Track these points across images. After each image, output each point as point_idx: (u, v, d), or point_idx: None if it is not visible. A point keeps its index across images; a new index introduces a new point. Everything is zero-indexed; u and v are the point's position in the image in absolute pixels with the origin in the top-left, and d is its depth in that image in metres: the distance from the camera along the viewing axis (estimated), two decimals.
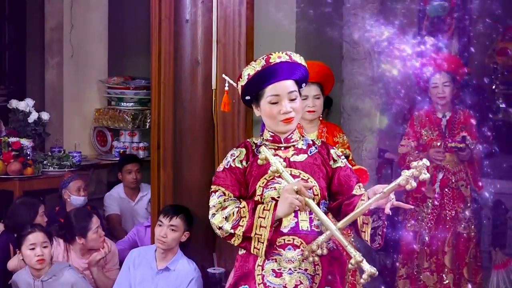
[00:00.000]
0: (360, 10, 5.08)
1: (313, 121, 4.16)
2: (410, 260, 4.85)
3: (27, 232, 3.87)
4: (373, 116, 5.17)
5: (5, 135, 5.39)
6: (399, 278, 4.88)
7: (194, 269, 3.93)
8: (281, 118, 2.67)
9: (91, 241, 4.18)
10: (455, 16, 6.50)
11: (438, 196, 4.76)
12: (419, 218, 4.81)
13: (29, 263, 3.85)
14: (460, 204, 4.78)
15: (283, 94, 2.66)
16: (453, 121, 4.80)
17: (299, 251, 2.61)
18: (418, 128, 4.85)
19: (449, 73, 4.77)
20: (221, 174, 2.72)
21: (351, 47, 5.12)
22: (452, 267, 4.76)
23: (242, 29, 4.01)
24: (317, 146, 2.78)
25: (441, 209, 4.77)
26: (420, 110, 4.93)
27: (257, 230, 2.57)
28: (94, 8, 6.39)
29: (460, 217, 4.77)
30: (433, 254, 4.78)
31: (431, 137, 4.79)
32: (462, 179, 4.79)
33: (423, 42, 6.46)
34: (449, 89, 4.76)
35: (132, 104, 6.20)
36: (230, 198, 2.67)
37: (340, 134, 4.18)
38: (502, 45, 6.64)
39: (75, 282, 3.87)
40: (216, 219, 2.63)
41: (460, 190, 4.78)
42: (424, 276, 4.79)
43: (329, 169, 2.74)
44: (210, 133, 4.08)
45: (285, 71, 2.67)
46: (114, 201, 5.49)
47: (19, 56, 7.16)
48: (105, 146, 6.40)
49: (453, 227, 4.77)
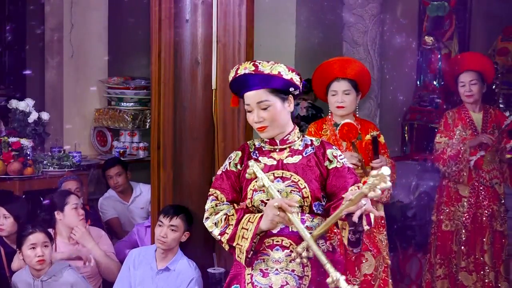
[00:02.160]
0: (360, 10, 5.08)
1: (345, 117, 4.14)
2: (448, 260, 4.85)
3: (27, 232, 3.87)
4: (373, 116, 5.17)
5: (5, 135, 5.38)
6: (437, 279, 4.88)
7: (194, 269, 3.92)
8: (255, 127, 2.73)
9: (68, 216, 4.25)
10: (455, 16, 6.51)
11: (473, 195, 4.77)
12: (454, 218, 4.81)
13: (29, 263, 3.85)
14: (495, 202, 4.79)
15: (253, 104, 2.70)
16: (485, 120, 4.81)
17: (288, 252, 2.63)
18: (452, 126, 4.84)
19: (476, 72, 4.77)
20: (218, 178, 2.78)
21: (351, 47, 5.12)
22: (492, 265, 4.77)
23: (242, 29, 4.00)
24: (315, 146, 2.77)
25: (476, 208, 4.78)
26: (453, 109, 4.94)
27: (239, 241, 2.62)
28: (94, 8, 6.39)
29: (496, 215, 4.78)
30: (470, 253, 4.78)
31: (465, 136, 4.78)
32: (495, 177, 4.80)
33: (423, 42, 6.47)
34: (476, 87, 4.77)
35: (132, 104, 6.20)
36: (222, 202, 2.72)
37: (374, 132, 4.17)
38: (502, 45, 6.64)
39: (75, 282, 3.87)
40: (207, 224, 2.73)
41: (495, 188, 4.79)
42: (462, 276, 4.79)
43: (324, 170, 2.72)
44: (210, 133, 4.08)
45: (253, 81, 2.70)
46: (110, 205, 5.48)
47: (19, 56, 7.16)
48: (105, 146, 6.40)
49: (489, 225, 4.77)
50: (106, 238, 4.50)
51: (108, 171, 5.47)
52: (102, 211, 5.46)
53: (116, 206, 5.49)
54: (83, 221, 4.31)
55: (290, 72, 2.73)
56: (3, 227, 4.28)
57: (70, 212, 4.27)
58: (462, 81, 4.79)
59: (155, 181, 4.13)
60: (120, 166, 5.51)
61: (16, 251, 4.09)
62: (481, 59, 4.95)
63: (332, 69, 4.13)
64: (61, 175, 5.10)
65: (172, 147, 4.08)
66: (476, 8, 6.62)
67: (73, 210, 4.28)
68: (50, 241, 3.92)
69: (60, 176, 5.11)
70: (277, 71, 2.71)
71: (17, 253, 3.99)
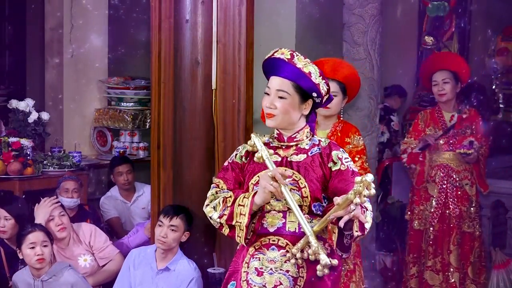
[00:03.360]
0: (360, 10, 5.08)
1: (329, 118, 4.13)
2: (419, 259, 4.86)
3: (27, 231, 3.87)
4: (373, 116, 5.17)
5: (5, 135, 5.38)
6: (411, 277, 4.90)
7: (194, 269, 3.92)
8: (266, 111, 2.72)
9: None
10: (455, 16, 6.51)
11: (441, 195, 4.78)
12: (423, 217, 4.82)
13: (29, 262, 3.85)
14: (464, 203, 4.78)
15: (272, 88, 2.70)
16: (459, 121, 4.81)
17: (283, 251, 2.63)
18: (423, 127, 4.85)
19: (449, 71, 4.78)
20: (223, 168, 2.82)
21: (351, 47, 5.12)
22: (458, 266, 4.77)
23: (242, 29, 4.00)
24: (321, 147, 2.75)
25: (445, 208, 4.78)
26: (426, 109, 4.96)
27: (237, 218, 2.62)
28: (94, 8, 6.38)
29: (464, 216, 4.78)
30: (438, 253, 4.79)
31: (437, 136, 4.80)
32: (466, 178, 4.80)
33: (423, 42, 6.47)
34: (449, 86, 4.77)
35: (132, 104, 6.19)
36: (222, 190, 2.75)
37: (354, 135, 4.14)
38: (502, 45, 6.64)
39: (75, 282, 3.87)
40: (207, 210, 2.73)
41: (465, 189, 4.79)
42: (428, 275, 4.80)
43: (327, 171, 2.70)
44: (210, 133, 4.08)
45: (283, 68, 2.68)
46: (111, 205, 5.48)
47: (19, 56, 7.16)
48: (105, 146, 6.40)
49: (457, 226, 4.77)
50: (100, 233, 4.48)
51: (117, 168, 5.47)
52: (103, 210, 5.47)
53: (117, 206, 5.49)
54: (61, 231, 4.26)
55: (320, 78, 2.73)
56: (5, 229, 4.25)
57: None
58: (435, 80, 4.81)
59: (155, 181, 4.14)
60: (130, 164, 5.55)
61: (16, 251, 4.10)
62: (455, 59, 4.98)
63: (322, 69, 4.12)
64: (61, 175, 5.10)
65: (172, 147, 4.08)
66: (476, 8, 6.62)
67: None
68: (49, 240, 3.92)
69: (60, 176, 5.11)
70: (308, 70, 2.70)
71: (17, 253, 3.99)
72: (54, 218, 4.25)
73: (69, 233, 4.32)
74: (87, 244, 4.39)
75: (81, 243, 4.38)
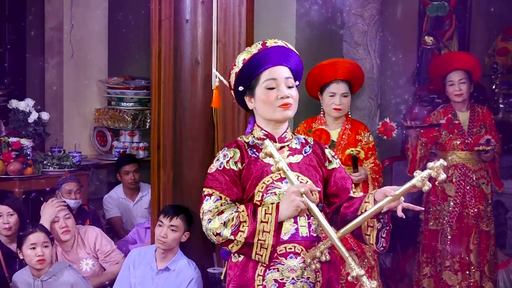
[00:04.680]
0: (360, 10, 5.08)
1: (338, 119, 4.16)
2: (433, 259, 4.85)
3: (28, 232, 3.87)
4: (373, 116, 5.17)
5: (5, 135, 5.38)
6: (424, 277, 4.89)
7: (194, 269, 3.92)
8: (279, 104, 2.52)
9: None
10: (455, 16, 6.50)
11: (459, 194, 4.77)
12: (440, 217, 4.82)
13: (29, 263, 3.85)
14: (482, 202, 4.79)
15: (280, 78, 2.53)
16: (472, 119, 4.81)
17: (300, 258, 2.50)
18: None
19: (464, 71, 4.77)
20: (214, 176, 2.54)
21: (351, 47, 5.12)
22: (478, 264, 4.77)
23: (242, 29, 4.01)
24: (311, 145, 2.65)
25: (462, 207, 4.78)
26: (438, 109, 4.94)
27: (260, 236, 2.42)
28: (94, 8, 6.39)
29: (482, 215, 4.78)
30: (455, 253, 4.78)
31: (450, 137, 4.79)
32: (483, 177, 4.80)
33: (423, 42, 6.47)
34: (465, 86, 4.77)
35: (132, 104, 6.19)
36: (226, 202, 2.50)
37: (364, 132, 4.18)
38: (502, 45, 6.63)
39: (75, 282, 3.87)
40: (213, 225, 2.46)
41: (481, 188, 4.79)
42: (446, 275, 4.79)
43: (325, 170, 2.62)
44: (210, 133, 4.08)
45: (281, 56, 2.56)
46: (114, 204, 5.49)
47: (19, 56, 7.16)
48: (105, 146, 6.40)
49: (475, 225, 4.77)
50: (105, 237, 4.48)
51: (125, 167, 5.49)
52: (105, 208, 5.49)
53: (119, 205, 5.50)
54: (65, 233, 4.27)
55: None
56: (10, 225, 4.23)
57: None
58: (451, 80, 4.78)
59: (155, 181, 4.14)
60: (136, 163, 5.59)
61: (13, 252, 4.11)
62: (470, 58, 4.96)
63: (330, 71, 4.14)
64: (61, 175, 5.10)
65: (172, 147, 4.08)
66: (476, 8, 6.61)
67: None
68: (50, 241, 3.92)
69: (60, 176, 5.11)
70: (298, 54, 2.61)
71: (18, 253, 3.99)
72: (59, 220, 4.25)
73: (73, 236, 4.32)
74: (91, 247, 4.38)
75: (85, 247, 4.38)
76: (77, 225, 4.43)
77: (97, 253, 4.39)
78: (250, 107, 2.63)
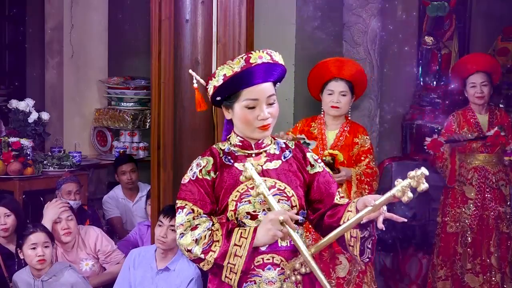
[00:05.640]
0: (360, 10, 5.08)
1: (337, 118, 4.15)
2: (450, 262, 4.83)
3: (28, 232, 3.87)
4: (373, 116, 5.17)
5: (5, 135, 5.39)
6: (438, 279, 4.87)
7: (194, 269, 3.92)
8: (258, 125, 2.40)
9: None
10: (455, 16, 6.50)
11: (479, 197, 4.76)
12: (460, 219, 4.79)
13: (29, 263, 3.85)
14: (502, 204, 4.78)
15: (262, 98, 2.38)
16: (491, 121, 4.80)
17: (279, 270, 2.38)
18: (456, 128, 4.82)
19: (486, 73, 4.76)
20: (187, 187, 2.44)
21: (351, 47, 5.12)
22: (499, 266, 4.76)
23: (242, 29, 4.00)
24: (291, 149, 2.52)
25: (483, 210, 4.76)
26: (458, 111, 4.92)
27: (230, 259, 2.30)
28: (94, 8, 6.39)
29: (502, 217, 4.77)
30: (477, 255, 4.76)
31: (470, 139, 4.76)
32: (502, 178, 4.79)
33: (423, 42, 6.46)
34: (487, 88, 4.76)
35: (132, 104, 6.20)
36: (200, 215, 2.39)
37: (362, 135, 4.16)
38: (502, 45, 6.63)
39: (75, 282, 3.87)
40: (185, 240, 2.35)
41: (501, 190, 4.78)
42: (468, 278, 4.78)
43: (306, 175, 2.49)
44: (210, 133, 4.08)
45: (265, 73, 2.38)
46: (113, 204, 5.49)
47: (19, 56, 7.17)
48: (105, 146, 6.40)
49: (496, 227, 4.76)
50: (106, 238, 4.49)
51: (121, 167, 5.49)
52: (105, 208, 5.49)
53: (119, 205, 5.50)
54: (66, 235, 4.27)
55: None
56: (7, 225, 4.23)
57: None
58: (473, 82, 4.75)
59: (155, 181, 4.13)
60: (134, 163, 5.58)
61: (11, 252, 4.11)
62: (491, 61, 4.96)
63: (331, 68, 4.14)
64: (61, 175, 5.11)
65: (172, 147, 4.08)
66: (476, 8, 6.61)
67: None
68: (51, 241, 3.92)
69: (60, 176, 5.11)
70: (282, 60, 2.45)
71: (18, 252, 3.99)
72: (61, 221, 4.25)
73: (74, 237, 4.32)
74: (92, 248, 4.38)
75: (85, 247, 4.38)
76: (78, 226, 4.42)
77: (98, 253, 4.39)
78: (227, 117, 2.51)
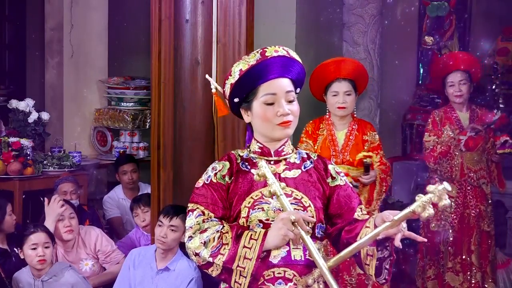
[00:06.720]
0: (360, 10, 5.08)
1: (344, 118, 4.17)
2: (436, 261, 4.84)
3: (29, 232, 3.87)
4: (373, 116, 5.17)
5: (5, 135, 5.39)
6: (428, 279, 4.88)
7: (194, 269, 3.92)
8: (278, 121, 2.29)
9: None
10: (455, 16, 6.51)
11: (460, 195, 4.77)
12: (442, 218, 4.80)
13: (30, 263, 3.85)
14: (483, 202, 4.78)
15: (281, 93, 2.29)
16: (472, 119, 4.81)
17: (291, 285, 2.24)
18: (439, 126, 4.83)
19: (464, 71, 4.77)
20: (200, 191, 2.37)
21: (351, 47, 5.12)
22: (479, 265, 4.76)
23: (242, 29, 4.00)
24: (313, 160, 2.42)
25: (464, 208, 4.77)
26: (439, 109, 4.94)
27: (240, 262, 2.18)
28: (94, 8, 6.39)
29: (483, 215, 4.78)
30: (457, 254, 4.77)
31: (452, 136, 4.77)
32: (483, 176, 4.80)
33: (423, 42, 6.47)
34: (466, 87, 4.77)
35: (132, 104, 6.20)
36: (210, 218, 2.29)
37: (371, 132, 4.19)
38: (502, 45, 6.64)
39: (76, 282, 3.87)
40: (193, 244, 2.26)
41: (482, 188, 4.79)
42: (448, 276, 4.78)
43: (326, 187, 2.38)
44: (210, 133, 4.08)
45: (282, 67, 2.30)
46: (113, 204, 5.49)
47: (19, 56, 7.17)
48: (105, 146, 6.40)
49: (477, 225, 4.77)
50: (106, 238, 4.49)
51: (123, 167, 5.49)
52: (105, 208, 5.49)
53: (119, 205, 5.50)
54: (68, 233, 4.27)
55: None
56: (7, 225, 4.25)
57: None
58: (451, 81, 4.77)
59: (155, 181, 4.13)
60: (135, 163, 5.58)
61: (8, 251, 4.10)
62: (470, 59, 4.96)
63: (331, 69, 4.15)
64: (61, 175, 5.11)
65: (172, 147, 4.08)
66: (476, 8, 6.62)
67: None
68: (51, 241, 3.92)
69: (60, 176, 5.11)
70: (298, 58, 2.36)
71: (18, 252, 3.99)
72: (64, 219, 4.25)
73: (75, 236, 4.32)
74: (92, 248, 4.38)
75: (85, 247, 4.38)
76: (78, 225, 4.42)
77: (98, 253, 4.39)
78: (246, 121, 2.42)
